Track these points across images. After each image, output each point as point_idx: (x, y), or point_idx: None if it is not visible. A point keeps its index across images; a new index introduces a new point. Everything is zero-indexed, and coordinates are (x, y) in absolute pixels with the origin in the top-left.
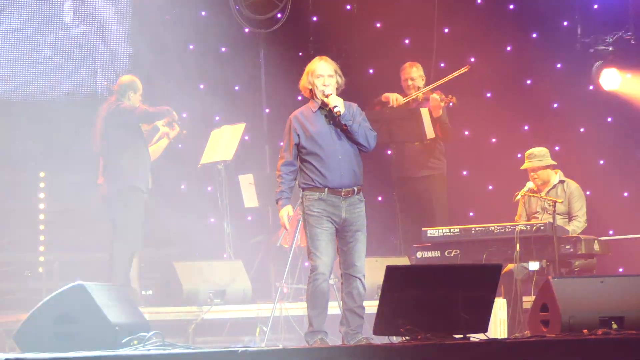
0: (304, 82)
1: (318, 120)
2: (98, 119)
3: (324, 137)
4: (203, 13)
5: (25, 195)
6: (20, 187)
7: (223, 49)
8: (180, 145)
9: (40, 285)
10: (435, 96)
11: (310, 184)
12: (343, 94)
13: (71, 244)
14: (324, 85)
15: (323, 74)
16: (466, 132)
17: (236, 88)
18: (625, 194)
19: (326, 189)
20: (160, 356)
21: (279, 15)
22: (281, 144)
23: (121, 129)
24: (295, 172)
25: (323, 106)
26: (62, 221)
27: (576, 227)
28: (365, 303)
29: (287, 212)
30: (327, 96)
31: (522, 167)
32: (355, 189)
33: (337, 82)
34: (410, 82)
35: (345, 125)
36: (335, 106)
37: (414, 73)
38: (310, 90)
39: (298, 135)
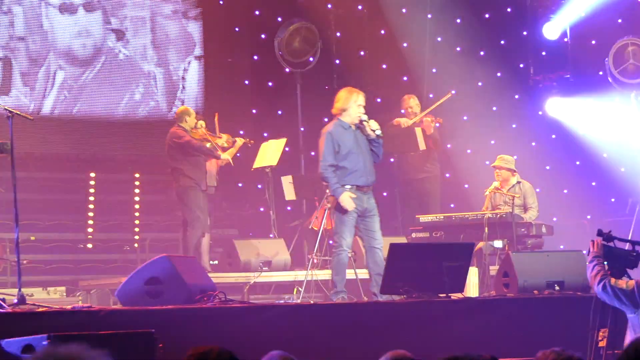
0: (343, 105)
1: (349, 135)
2: (166, 138)
3: (353, 148)
4: (255, 57)
5: (125, 190)
6: (120, 185)
7: (270, 84)
8: (238, 154)
9: (135, 257)
10: (428, 119)
11: (342, 182)
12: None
13: (158, 227)
14: (364, 113)
15: (363, 104)
16: (449, 145)
17: (279, 112)
18: (565, 191)
19: (355, 187)
20: (224, 309)
21: (311, 59)
22: (312, 153)
23: (177, 147)
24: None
25: (358, 125)
26: (151, 210)
27: (532, 215)
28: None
29: (348, 195)
30: (367, 121)
31: (492, 165)
32: (371, 186)
33: None
34: (410, 110)
35: (376, 142)
36: (378, 128)
37: (412, 102)
38: (343, 110)
39: (338, 145)
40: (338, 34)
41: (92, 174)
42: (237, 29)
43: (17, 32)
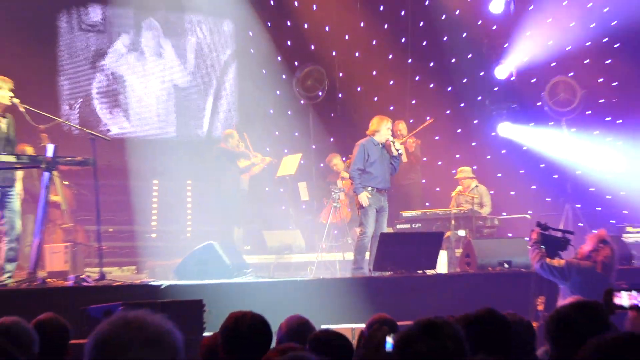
0: (376, 127)
1: (377, 150)
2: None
3: (378, 160)
4: (278, 92)
5: (179, 194)
6: (176, 190)
7: (289, 112)
8: (265, 166)
9: (187, 243)
10: (410, 140)
11: (367, 185)
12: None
13: (204, 221)
14: (392, 137)
15: (391, 128)
16: (425, 159)
17: (296, 134)
18: (512, 193)
19: (375, 189)
20: (255, 283)
21: (320, 94)
22: (321, 164)
23: (220, 160)
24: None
25: (384, 144)
26: (200, 208)
27: (486, 211)
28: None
29: (365, 195)
30: (393, 142)
31: (456, 177)
32: (387, 190)
33: None
34: (399, 132)
35: (396, 159)
36: (401, 149)
37: (401, 126)
38: (376, 132)
39: (368, 155)
40: (340, 74)
41: (155, 181)
42: (264, 71)
43: (99, 77)
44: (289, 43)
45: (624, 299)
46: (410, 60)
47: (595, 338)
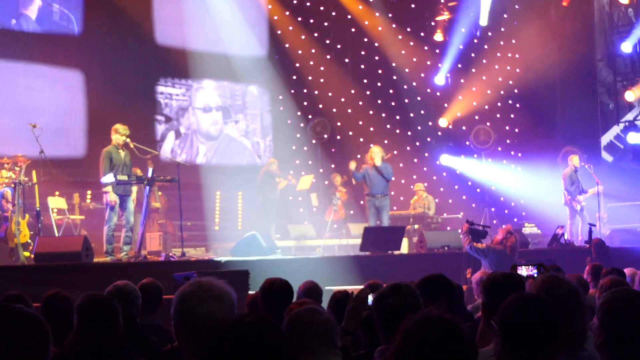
0: (369, 155)
1: (372, 169)
2: (259, 175)
3: (373, 174)
4: (298, 135)
5: (234, 200)
6: (231, 198)
7: (305, 148)
8: (289, 183)
9: (238, 233)
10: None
11: (368, 192)
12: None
13: (250, 219)
14: (373, 159)
15: (375, 154)
16: (393, 178)
17: (309, 162)
18: (450, 201)
19: (372, 194)
20: (282, 259)
21: (325, 136)
22: (326, 182)
23: (265, 177)
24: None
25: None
26: (247, 210)
27: (432, 212)
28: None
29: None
30: (377, 164)
31: (413, 190)
32: (382, 194)
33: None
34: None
35: (379, 170)
36: (379, 165)
37: (375, 148)
38: (371, 158)
39: (367, 172)
40: (338, 124)
41: (218, 193)
42: (289, 121)
43: (182, 123)
44: (305, 103)
45: (523, 271)
46: (383, 115)
47: (512, 294)
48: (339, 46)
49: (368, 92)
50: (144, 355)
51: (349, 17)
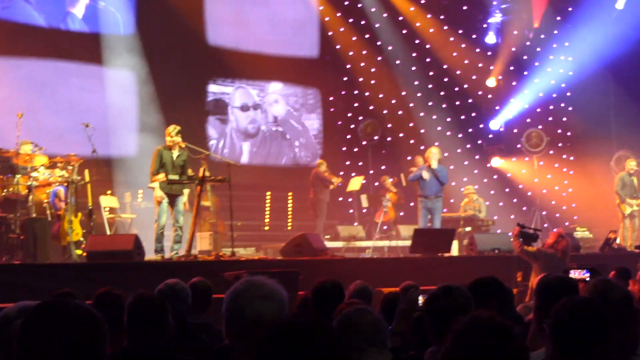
0: (426, 156)
1: (426, 169)
2: (310, 175)
3: (427, 176)
4: (348, 136)
5: (283, 201)
6: (281, 198)
7: (355, 149)
8: (339, 184)
9: (288, 233)
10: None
11: (421, 193)
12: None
13: (300, 219)
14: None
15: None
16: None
17: (360, 163)
18: (500, 204)
19: (426, 195)
20: (333, 260)
21: (375, 137)
22: (376, 184)
23: (317, 179)
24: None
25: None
26: (298, 211)
27: (484, 215)
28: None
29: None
30: (433, 166)
31: (464, 193)
32: (435, 196)
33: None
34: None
35: (435, 173)
36: (435, 168)
37: (434, 150)
38: (426, 159)
39: (420, 173)
40: (389, 125)
41: (268, 193)
42: (339, 122)
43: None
44: (355, 105)
45: (575, 275)
46: (434, 117)
47: (564, 298)
48: (390, 48)
49: (419, 94)
50: (195, 355)
51: (401, 18)
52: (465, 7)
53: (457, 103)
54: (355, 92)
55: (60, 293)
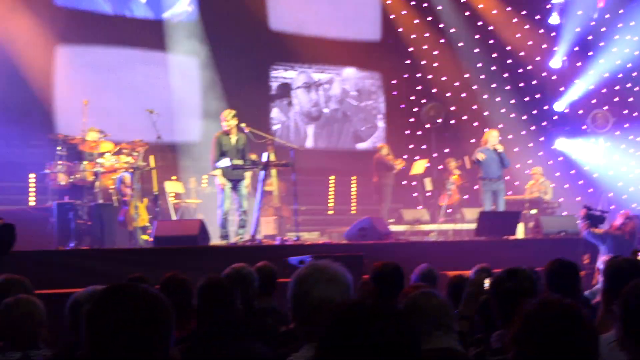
0: (485, 138)
1: (489, 151)
2: (373, 159)
3: (490, 158)
4: (412, 120)
5: (347, 185)
6: (344, 183)
7: (419, 133)
8: (402, 167)
9: (352, 217)
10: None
11: (483, 176)
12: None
13: (364, 203)
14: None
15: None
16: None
17: (423, 147)
18: (566, 186)
19: (489, 177)
20: (396, 244)
21: (438, 121)
22: (439, 167)
23: (379, 163)
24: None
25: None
26: (362, 194)
27: (549, 197)
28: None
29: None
30: (496, 146)
31: (530, 174)
32: (498, 179)
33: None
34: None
35: (499, 155)
36: (501, 151)
37: (494, 133)
38: (486, 141)
39: (483, 155)
40: (452, 108)
41: (332, 177)
42: (402, 106)
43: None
44: (418, 88)
45: None
46: (498, 99)
47: (634, 280)
48: (452, 30)
49: (482, 76)
50: (261, 338)
51: (463, 0)
52: None
53: (521, 85)
54: (418, 75)
55: (133, 277)
